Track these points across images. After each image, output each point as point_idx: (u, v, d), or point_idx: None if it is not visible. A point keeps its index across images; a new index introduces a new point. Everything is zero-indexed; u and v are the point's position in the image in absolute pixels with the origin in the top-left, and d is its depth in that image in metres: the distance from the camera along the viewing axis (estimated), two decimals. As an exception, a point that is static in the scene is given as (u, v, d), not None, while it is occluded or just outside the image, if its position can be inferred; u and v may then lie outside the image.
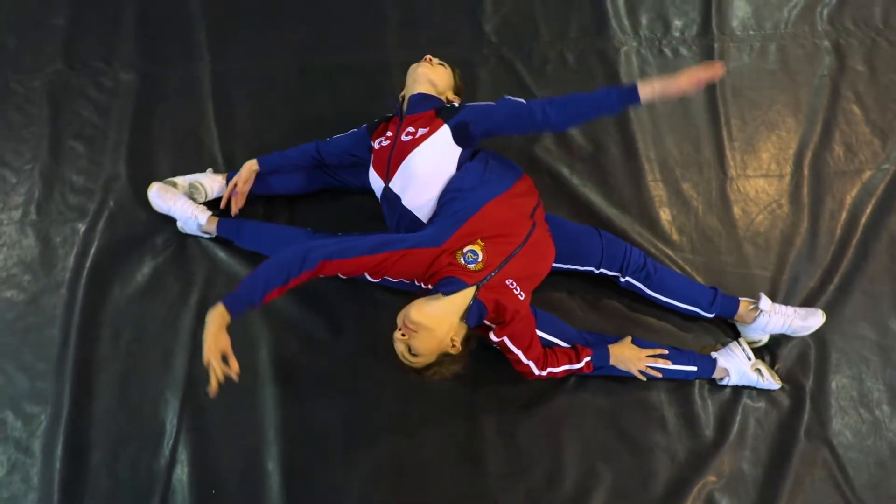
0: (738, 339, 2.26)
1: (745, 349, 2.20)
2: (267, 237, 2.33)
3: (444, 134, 2.06)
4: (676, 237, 2.45)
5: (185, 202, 2.36)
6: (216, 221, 2.36)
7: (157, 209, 2.39)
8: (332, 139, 2.33)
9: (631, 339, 2.18)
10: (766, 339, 2.26)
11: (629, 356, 2.13)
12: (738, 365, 2.19)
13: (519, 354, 1.96)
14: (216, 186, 2.42)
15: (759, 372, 2.19)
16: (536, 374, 2.02)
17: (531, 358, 1.98)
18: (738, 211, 2.49)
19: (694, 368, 2.18)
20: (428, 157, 2.05)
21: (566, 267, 2.22)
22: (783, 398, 2.24)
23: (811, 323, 2.19)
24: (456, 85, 2.31)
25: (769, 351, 2.28)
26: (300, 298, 2.32)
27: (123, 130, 2.60)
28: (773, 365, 2.26)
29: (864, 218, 2.47)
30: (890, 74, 2.71)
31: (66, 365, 2.27)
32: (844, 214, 2.48)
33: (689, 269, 2.39)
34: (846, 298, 2.36)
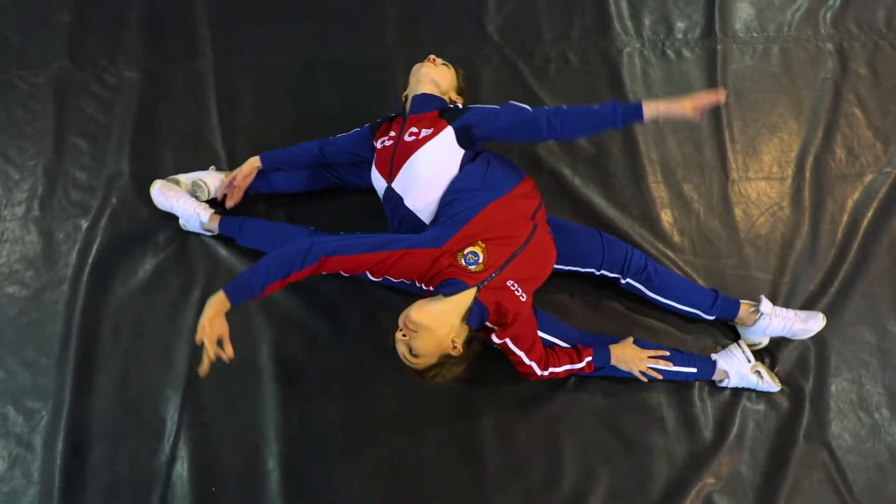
0: (737, 341, 2.26)
1: (744, 351, 2.21)
2: (268, 235, 2.33)
3: (447, 136, 2.06)
4: (677, 239, 2.45)
5: (187, 200, 2.36)
6: (218, 219, 2.37)
7: (159, 206, 2.40)
8: (335, 138, 2.34)
9: (632, 339, 2.18)
10: (766, 341, 2.26)
11: (630, 356, 2.13)
12: (737, 367, 2.19)
13: (521, 356, 1.97)
14: (219, 184, 2.42)
15: (758, 374, 2.19)
16: (539, 374, 2.03)
17: (533, 359, 1.99)
18: (739, 213, 2.49)
19: (693, 370, 2.18)
20: (431, 158, 2.05)
21: (567, 268, 2.22)
22: (782, 401, 2.24)
23: (811, 326, 2.19)
24: (459, 85, 2.31)
25: (769, 353, 2.28)
26: (302, 297, 2.33)
27: (127, 127, 2.61)
28: (772, 367, 2.26)
29: (865, 221, 2.47)
30: (892, 78, 2.70)
31: (67, 361, 2.28)
32: (845, 218, 2.48)
33: (689, 270, 2.39)
34: (846, 302, 2.36)
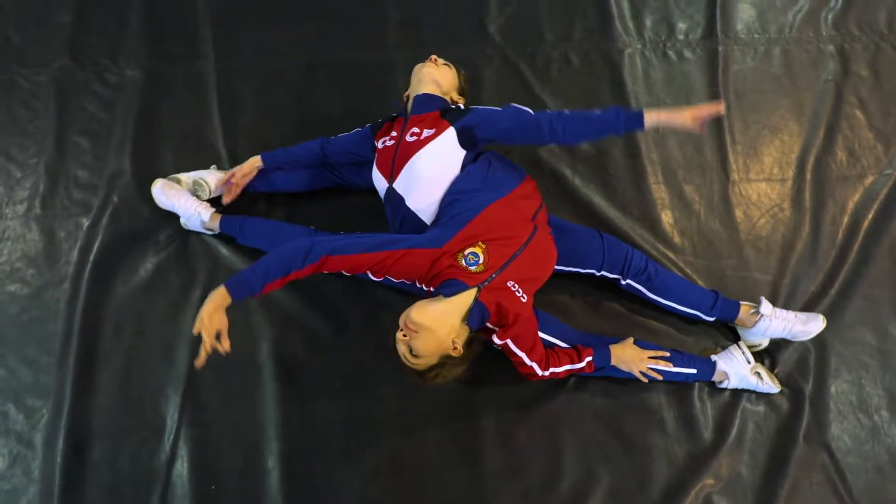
0: (737, 342, 2.26)
1: (744, 352, 2.21)
2: (269, 235, 2.33)
3: (449, 136, 2.06)
4: (678, 240, 2.45)
5: (188, 199, 2.37)
6: (219, 218, 2.37)
7: (160, 205, 2.40)
8: (336, 138, 2.34)
9: (633, 340, 2.18)
10: (766, 343, 2.26)
11: (631, 356, 2.14)
12: (737, 368, 2.19)
13: (523, 357, 1.97)
14: (220, 184, 2.42)
15: (758, 375, 2.19)
16: (540, 374, 2.03)
17: (534, 360, 1.99)
18: (739, 214, 2.49)
19: (693, 371, 2.18)
20: (433, 159, 2.06)
21: (567, 269, 2.22)
22: (782, 402, 2.24)
23: (812, 328, 2.19)
24: (460, 86, 2.31)
25: (769, 354, 2.28)
26: (304, 296, 2.34)
27: (128, 126, 2.62)
28: (772, 369, 2.26)
29: (865, 223, 2.47)
30: (894, 80, 2.70)
31: (68, 359, 2.28)
32: (846, 219, 2.48)
33: (690, 271, 2.40)
34: (847, 303, 2.36)
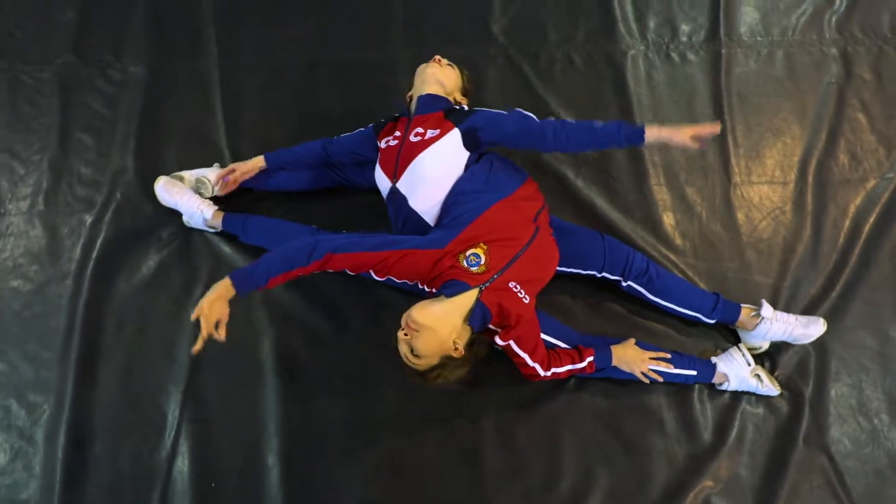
0: (738, 344, 2.26)
1: (744, 355, 2.21)
2: (271, 233, 2.34)
3: (454, 137, 2.07)
4: (679, 242, 2.45)
5: (191, 196, 2.37)
6: (221, 216, 2.38)
7: (163, 203, 2.41)
8: (338, 138, 2.34)
9: (634, 341, 2.19)
10: (766, 345, 2.26)
11: (632, 357, 2.14)
12: (737, 370, 2.19)
13: (525, 357, 1.97)
14: (218, 178, 2.42)
15: (758, 378, 2.19)
16: (542, 375, 2.03)
17: (537, 360, 1.99)
18: (741, 217, 2.49)
19: (693, 373, 2.19)
20: (438, 159, 2.06)
21: (569, 270, 2.22)
22: (782, 404, 2.24)
23: (812, 331, 2.19)
24: (464, 86, 2.31)
25: (769, 357, 2.28)
26: (306, 294, 2.34)
27: (132, 123, 2.62)
28: (772, 371, 2.26)
29: (867, 226, 2.47)
30: (897, 83, 2.71)
31: (69, 355, 2.29)
32: (847, 222, 2.48)
33: (691, 273, 2.40)
34: (847, 306, 2.36)
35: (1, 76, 2.70)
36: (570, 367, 2.07)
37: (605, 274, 2.21)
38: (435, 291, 1.90)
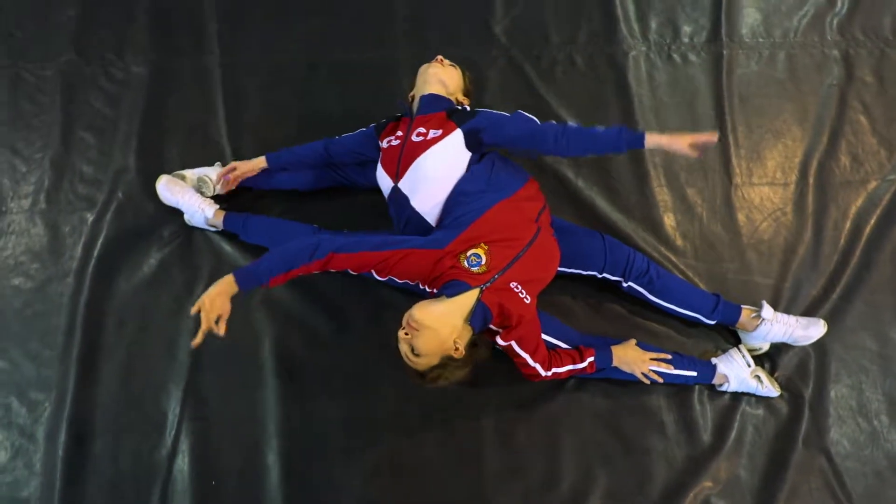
0: (738, 345, 2.26)
1: (745, 356, 2.21)
2: (272, 232, 2.34)
3: (456, 138, 2.07)
4: (680, 242, 2.46)
5: (192, 195, 2.38)
6: (223, 215, 2.38)
7: (164, 202, 2.41)
8: (339, 138, 2.35)
9: (635, 341, 2.19)
10: (766, 346, 2.26)
11: (633, 358, 2.14)
12: (737, 371, 2.20)
13: (526, 358, 1.97)
14: (219, 176, 2.43)
15: (758, 379, 2.20)
16: (542, 375, 2.03)
17: (538, 360, 2.00)
18: (742, 218, 2.50)
19: (694, 373, 2.19)
20: (440, 159, 2.06)
21: (569, 271, 2.22)
22: (782, 406, 2.25)
23: (812, 332, 2.20)
24: (466, 87, 2.31)
25: (769, 358, 2.28)
26: (306, 294, 2.34)
27: (134, 122, 2.62)
28: (772, 372, 2.27)
29: (867, 228, 2.47)
30: (898, 85, 2.71)
31: (70, 353, 2.29)
32: (848, 224, 2.48)
33: (691, 274, 2.40)
34: (848, 308, 2.36)
35: (3, 73, 2.70)
36: (570, 367, 2.08)
37: (605, 274, 2.22)
38: (436, 292, 1.91)
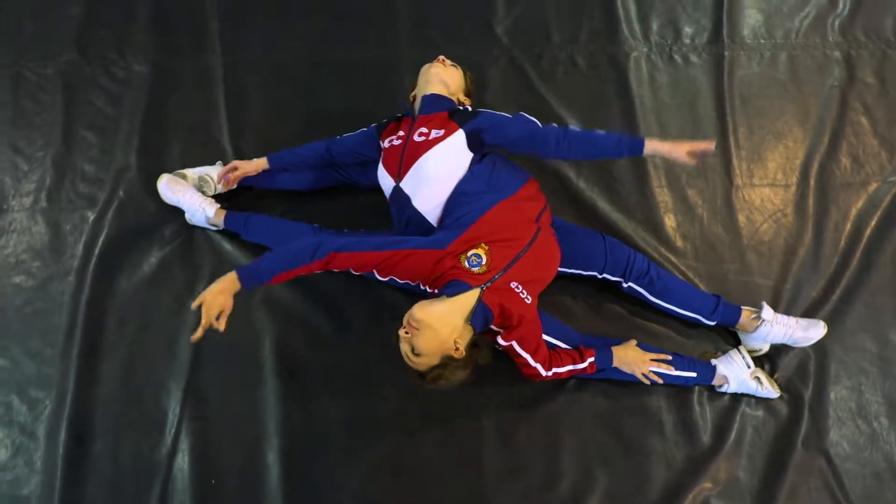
0: (738, 346, 2.26)
1: (744, 357, 2.21)
2: (273, 232, 2.34)
3: (458, 138, 2.08)
4: (680, 243, 2.46)
5: (193, 194, 2.38)
6: (224, 214, 2.38)
7: (166, 200, 2.41)
8: (341, 138, 2.35)
9: (635, 342, 2.19)
10: (766, 348, 2.27)
11: (633, 358, 2.15)
12: (737, 372, 2.20)
13: (527, 358, 1.98)
14: (220, 175, 2.43)
15: (758, 380, 2.20)
16: (543, 375, 2.04)
17: (539, 360, 2.00)
18: (742, 219, 2.50)
19: (693, 374, 2.19)
20: (442, 160, 2.07)
21: (570, 271, 2.23)
22: (781, 407, 2.25)
23: (812, 334, 2.20)
24: (467, 87, 2.32)
25: (769, 359, 2.29)
26: (307, 294, 2.34)
27: (135, 121, 2.62)
28: (772, 374, 2.27)
29: (868, 230, 2.47)
30: (899, 87, 2.71)
31: (71, 351, 2.30)
32: (849, 226, 2.49)
33: (691, 275, 2.40)
34: (848, 310, 2.36)
35: (4, 72, 2.70)
36: (571, 367, 2.08)
37: (605, 275, 2.22)
38: (437, 292, 1.91)
